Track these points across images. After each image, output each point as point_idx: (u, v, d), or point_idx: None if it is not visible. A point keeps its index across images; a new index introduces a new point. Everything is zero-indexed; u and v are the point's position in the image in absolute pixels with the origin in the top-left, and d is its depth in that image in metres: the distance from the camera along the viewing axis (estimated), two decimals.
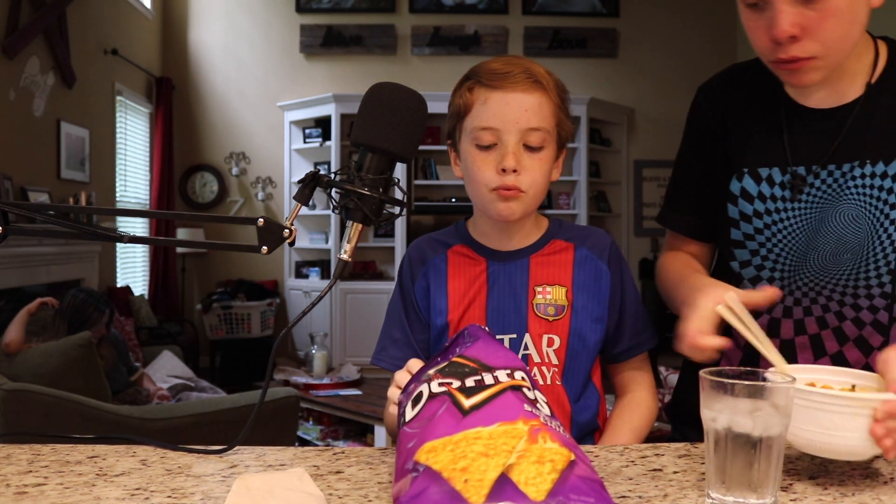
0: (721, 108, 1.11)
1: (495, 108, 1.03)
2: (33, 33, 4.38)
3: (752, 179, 1.06)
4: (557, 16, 6.80)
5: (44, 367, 2.75)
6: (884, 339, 1.02)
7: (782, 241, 1.05)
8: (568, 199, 6.69)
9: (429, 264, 1.15)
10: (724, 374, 0.71)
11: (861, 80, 1.00)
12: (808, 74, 0.95)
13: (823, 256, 1.02)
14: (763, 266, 1.07)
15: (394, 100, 0.87)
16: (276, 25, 6.70)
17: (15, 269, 4.11)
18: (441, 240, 1.17)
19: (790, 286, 1.05)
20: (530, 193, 1.05)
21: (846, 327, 1.03)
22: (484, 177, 1.05)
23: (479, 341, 0.79)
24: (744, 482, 0.69)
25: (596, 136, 6.81)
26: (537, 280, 1.11)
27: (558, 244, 1.14)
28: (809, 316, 1.05)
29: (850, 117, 0.99)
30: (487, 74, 1.06)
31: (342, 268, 0.88)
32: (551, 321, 1.09)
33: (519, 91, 1.04)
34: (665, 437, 1.23)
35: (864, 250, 1.00)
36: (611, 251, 1.15)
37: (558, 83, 1.09)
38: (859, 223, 0.99)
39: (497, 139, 1.04)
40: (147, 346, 4.78)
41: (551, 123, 1.06)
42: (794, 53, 0.92)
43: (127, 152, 6.00)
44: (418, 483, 0.63)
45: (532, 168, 1.05)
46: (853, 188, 0.99)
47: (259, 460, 0.85)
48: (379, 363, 1.15)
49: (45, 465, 0.82)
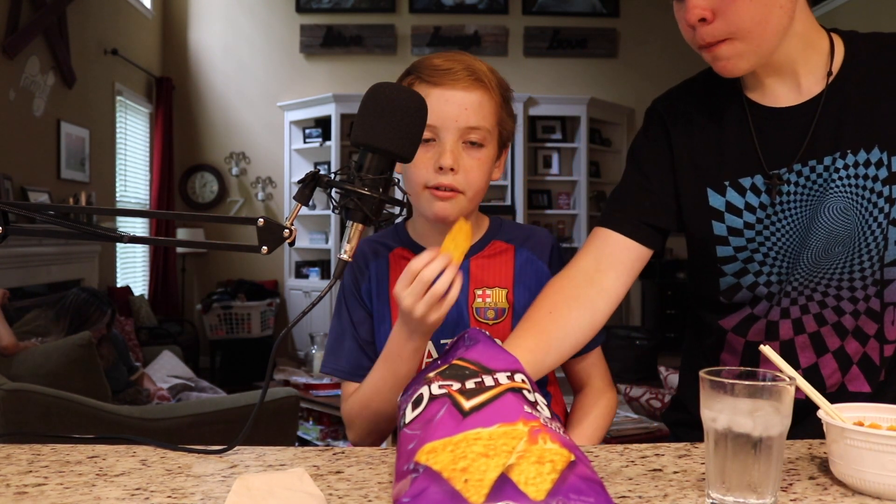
0: (683, 120, 1.07)
1: (434, 106, 0.99)
2: (33, 33, 4.38)
3: (735, 191, 1.02)
4: (557, 16, 6.80)
5: (44, 367, 2.75)
6: (878, 325, 1.01)
7: (775, 245, 1.02)
8: (568, 199, 6.68)
9: (370, 268, 1.13)
10: (724, 374, 0.71)
11: (820, 73, 0.99)
12: (732, 61, 0.94)
13: (816, 253, 1.00)
14: (760, 272, 1.04)
15: (394, 100, 0.87)
16: (276, 25, 6.70)
17: (15, 269, 4.11)
18: (382, 242, 1.14)
19: (785, 287, 1.03)
20: (468, 195, 1.03)
21: (845, 321, 1.02)
22: (420, 174, 1.02)
23: (479, 344, 0.80)
24: (744, 482, 0.68)
25: (596, 136, 6.81)
26: (477, 283, 1.08)
27: (498, 245, 1.11)
28: (807, 314, 1.03)
29: (818, 111, 0.98)
30: (428, 70, 1.03)
31: (342, 268, 0.88)
32: (491, 325, 1.07)
33: (459, 88, 1.02)
34: (665, 438, 1.23)
35: (856, 241, 0.98)
36: (552, 252, 1.12)
37: (501, 81, 1.07)
38: (848, 214, 0.98)
39: (435, 136, 1.02)
40: (147, 346, 4.78)
41: (492, 122, 1.04)
42: (707, 37, 0.92)
43: (127, 152, 6.00)
44: (418, 483, 0.63)
45: (471, 168, 1.03)
46: (837, 180, 0.98)
47: (259, 460, 0.85)
48: (334, 373, 1.12)
49: (45, 465, 0.82)
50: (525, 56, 6.79)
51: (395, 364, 1.00)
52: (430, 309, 0.90)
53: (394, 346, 0.99)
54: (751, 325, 1.06)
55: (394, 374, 1.00)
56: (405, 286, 0.91)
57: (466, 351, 0.79)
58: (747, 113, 1.02)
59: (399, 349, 0.98)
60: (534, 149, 6.68)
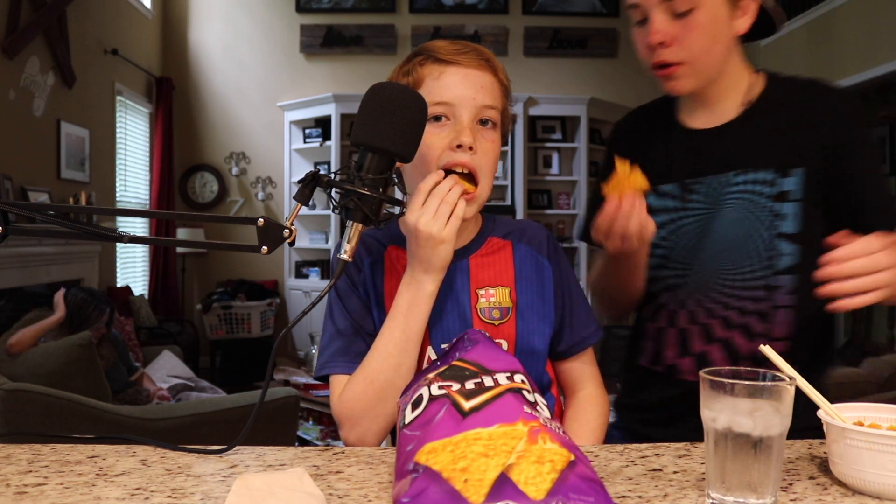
0: (633, 141, 1.28)
1: (450, 82, 0.98)
2: (33, 33, 4.38)
3: (655, 197, 1.21)
4: (557, 16, 6.80)
5: (44, 367, 2.75)
6: (767, 325, 1.15)
7: (678, 243, 1.20)
8: (568, 198, 6.69)
9: (364, 268, 1.07)
10: (724, 374, 0.71)
11: (737, 102, 1.17)
12: (680, 81, 1.13)
13: (711, 255, 1.16)
14: (666, 266, 1.21)
15: (394, 100, 0.87)
16: (276, 25, 6.70)
17: (15, 269, 4.11)
18: (375, 240, 1.09)
19: (686, 280, 1.19)
20: (482, 186, 0.99)
21: (731, 316, 1.16)
22: (433, 154, 0.97)
23: (478, 345, 0.80)
24: (744, 482, 0.69)
25: (596, 136, 6.81)
26: (479, 282, 1.04)
27: (496, 242, 1.08)
28: (700, 307, 1.18)
29: (728, 134, 1.17)
30: (441, 51, 1.01)
31: (342, 267, 0.88)
32: (497, 325, 1.03)
33: (474, 67, 1.00)
34: None
35: (745, 247, 1.14)
36: (549, 245, 1.10)
37: (504, 71, 1.06)
38: (738, 224, 1.14)
39: (450, 114, 0.98)
40: (147, 346, 4.78)
41: (501, 105, 1.03)
42: (665, 57, 1.10)
43: (127, 152, 6.00)
44: (418, 483, 0.63)
45: (486, 149, 0.99)
46: (734, 193, 1.15)
47: (259, 460, 0.85)
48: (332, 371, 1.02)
49: (45, 465, 0.82)
50: (525, 56, 6.80)
51: (406, 319, 0.95)
52: (441, 225, 0.90)
53: (404, 299, 0.96)
54: (659, 312, 1.24)
55: (405, 331, 0.95)
56: (417, 207, 0.91)
57: (466, 352, 0.79)
58: (675, 132, 1.23)
59: (412, 298, 0.95)
60: (534, 149, 6.68)
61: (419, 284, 0.95)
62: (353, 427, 0.97)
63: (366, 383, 0.96)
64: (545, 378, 1.08)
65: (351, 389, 0.98)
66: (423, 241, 0.92)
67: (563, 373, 1.12)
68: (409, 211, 0.92)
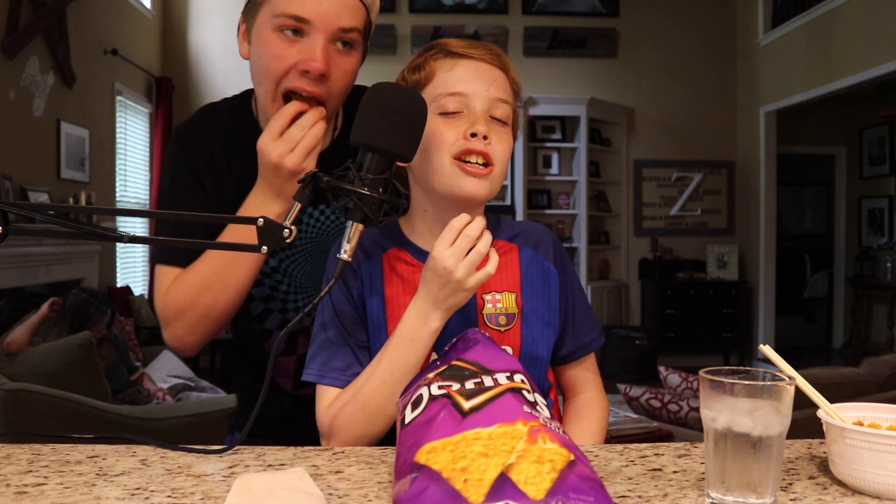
0: (207, 147, 1.19)
1: (463, 74, 0.97)
2: (33, 33, 4.38)
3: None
4: (557, 16, 6.80)
5: (44, 367, 2.75)
6: None
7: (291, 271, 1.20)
8: (568, 198, 6.69)
9: (362, 271, 1.02)
10: (724, 373, 0.71)
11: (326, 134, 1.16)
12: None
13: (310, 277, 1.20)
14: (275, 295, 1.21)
15: (394, 100, 0.87)
16: None
17: (15, 269, 4.11)
18: (374, 241, 1.04)
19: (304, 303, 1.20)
20: (497, 171, 0.97)
21: None
22: (446, 145, 0.95)
23: (478, 345, 0.80)
24: (743, 482, 0.69)
25: (596, 136, 6.82)
26: (485, 287, 0.99)
27: (501, 245, 1.04)
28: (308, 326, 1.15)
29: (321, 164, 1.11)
30: (453, 45, 1.00)
31: (342, 268, 0.88)
32: (503, 331, 0.99)
33: (487, 61, 1.00)
34: (665, 437, 1.23)
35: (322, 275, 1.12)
36: (555, 249, 1.07)
37: (515, 70, 1.05)
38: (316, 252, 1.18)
39: (464, 107, 0.97)
40: (147, 346, 4.78)
41: (512, 102, 1.02)
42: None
43: (127, 152, 5.99)
44: (418, 483, 0.63)
45: (501, 141, 0.98)
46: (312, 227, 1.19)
47: (259, 460, 0.85)
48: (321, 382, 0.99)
49: (45, 465, 0.82)
50: (525, 56, 6.80)
51: (406, 351, 0.92)
52: (468, 273, 0.88)
53: (408, 330, 0.92)
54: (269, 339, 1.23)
55: (403, 363, 0.92)
56: (447, 245, 0.88)
57: (466, 352, 0.79)
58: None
59: (416, 331, 0.92)
60: (533, 149, 6.68)
61: (426, 319, 0.92)
62: (332, 440, 0.96)
63: (356, 406, 0.94)
64: (546, 384, 1.06)
65: (343, 410, 0.95)
66: (444, 282, 0.89)
67: (563, 378, 1.11)
68: (438, 244, 0.89)
